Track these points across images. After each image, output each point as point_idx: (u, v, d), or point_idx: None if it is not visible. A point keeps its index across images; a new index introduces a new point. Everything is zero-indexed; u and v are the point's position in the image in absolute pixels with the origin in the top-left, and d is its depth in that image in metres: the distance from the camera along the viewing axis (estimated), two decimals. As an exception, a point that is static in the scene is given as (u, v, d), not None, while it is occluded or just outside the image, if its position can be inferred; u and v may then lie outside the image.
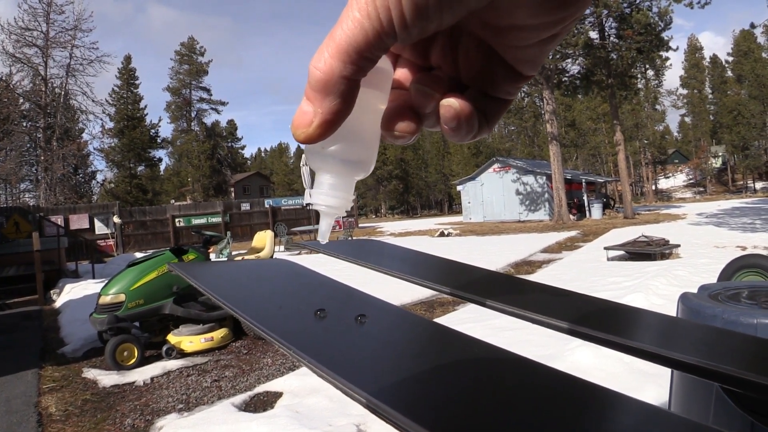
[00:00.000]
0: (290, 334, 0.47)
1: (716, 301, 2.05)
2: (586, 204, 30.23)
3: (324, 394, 4.62)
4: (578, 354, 4.49)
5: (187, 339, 6.57)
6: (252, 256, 7.83)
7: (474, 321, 6.77)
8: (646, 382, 3.88)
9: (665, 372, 3.97)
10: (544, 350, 4.95)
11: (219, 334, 6.82)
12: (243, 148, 67.46)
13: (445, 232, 25.44)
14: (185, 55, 58.07)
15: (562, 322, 0.60)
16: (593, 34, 26.53)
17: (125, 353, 6.04)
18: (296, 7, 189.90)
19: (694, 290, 2.27)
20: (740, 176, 72.35)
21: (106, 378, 5.73)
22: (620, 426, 0.39)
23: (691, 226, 19.79)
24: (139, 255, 17.35)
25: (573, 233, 20.76)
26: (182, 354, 6.48)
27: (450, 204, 75.69)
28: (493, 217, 33.20)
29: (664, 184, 78.96)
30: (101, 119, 44.91)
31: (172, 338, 6.59)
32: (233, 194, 61.06)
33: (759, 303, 2.01)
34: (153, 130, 53.42)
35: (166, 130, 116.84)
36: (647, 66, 30.93)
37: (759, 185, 68.04)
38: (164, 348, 6.37)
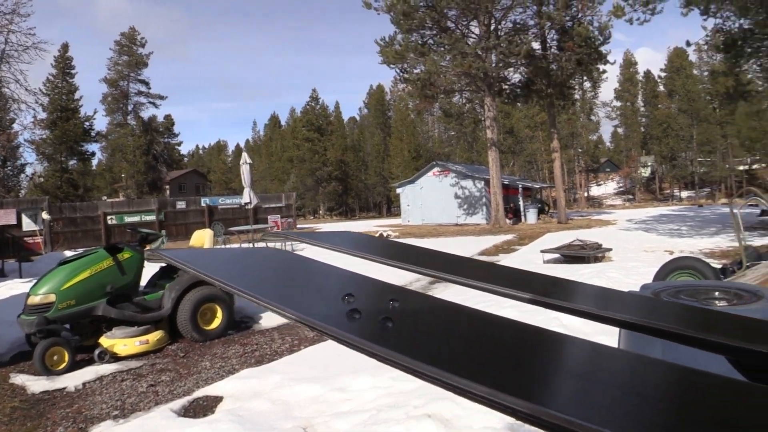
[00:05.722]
0: (330, 319, 0.49)
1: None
2: (522, 209, 30.88)
3: (266, 398, 4.55)
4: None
5: (121, 342, 6.34)
6: (191, 257, 7.64)
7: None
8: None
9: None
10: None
11: (154, 336, 6.61)
12: (180, 144, 65.80)
13: (384, 234, 25.53)
14: (125, 46, 56.26)
15: (524, 294, 0.72)
16: (536, 45, 27.18)
17: (55, 357, 5.79)
18: (250, 4, 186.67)
19: (627, 290, 2.37)
20: (667, 185, 75.55)
21: (35, 384, 5.48)
22: (580, 363, 0.54)
23: (621, 231, 20.51)
24: (69, 253, 16.72)
25: (509, 237, 21.17)
26: (116, 358, 6.25)
27: (389, 206, 75.90)
28: (432, 220, 33.47)
29: (595, 191, 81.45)
30: (34, 109, 43.07)
31: (105, 341, 6.34)
32: (168, 192, 59.56)
33: (699, 300, 2.12)
34: (87, 123, 51.57)
35: (100, 123, 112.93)
36: (585, 77, 31.88)
37: (684, 194, 71.23)
38: (97, 351, 6.13)
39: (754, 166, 67.10)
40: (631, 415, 0.45)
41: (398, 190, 37.17)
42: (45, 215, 23.76)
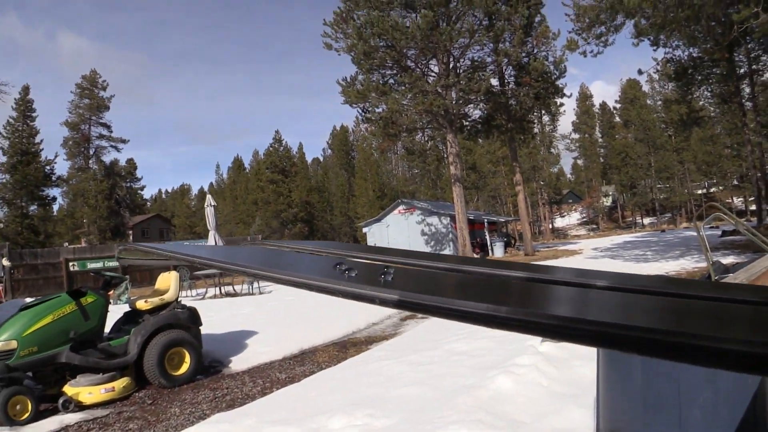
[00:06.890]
0: (329, 278, 0.51)
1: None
2: (488, 243, 31.10)
3: (241, 441, 4.39)
4: (498, 381, 4.54)
5: (86, 390, 6.08)
6: (156, 299, 7.48)
7: (389, 358, 6.72)
8: (566, 404, 3.95)
9: (583, 392, 4.07)
10: (465, 380, 4.96)
11: (120, 383, 6.37)
12: (143, 188, 65.06)
13: (354, 273, 25.31)
14: (86, 89, 55.68)
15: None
16: (494, 81, 27.77)
17: (18, 407, 5.54)
18: (212, 48, 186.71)
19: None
20: (629, 213, 77.44)
21: (-3, 434, 5.25)
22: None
23: (588, 260, 20.70)
24: (29, 300, 16.21)
25: (479, 271, 21.15)
26: (81, 406, 5.98)
27: (356, 246, 75.80)
28: (400, 258, 33.49)
29: (560, 222, 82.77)
30: (-7, 153, 42.00)
31: (69, 389, 6.08)
32: (131, 237, 58.54)
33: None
34: (48, 167, 50.53)
35: (61, 167, 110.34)
36: (543, 111, 32.69)
37: (646, 221, 73.05)
38: (61, 400, 5.87)
39: (712, 189, 69.27)
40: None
41: (365, 230, 37.18)
42: (5, 262, 23.10)
